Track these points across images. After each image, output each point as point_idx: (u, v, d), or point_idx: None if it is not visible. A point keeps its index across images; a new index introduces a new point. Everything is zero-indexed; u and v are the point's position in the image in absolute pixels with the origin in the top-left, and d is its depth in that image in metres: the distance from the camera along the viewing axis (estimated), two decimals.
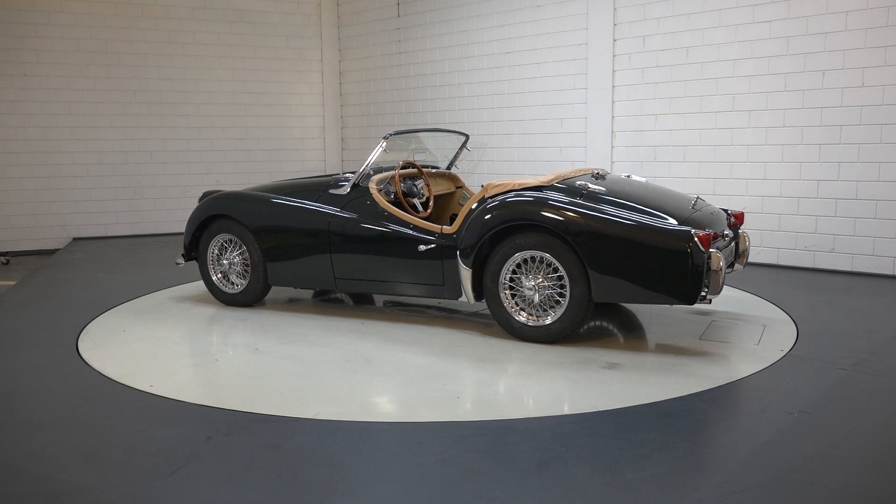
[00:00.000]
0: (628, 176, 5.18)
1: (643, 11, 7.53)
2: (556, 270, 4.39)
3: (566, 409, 3.48)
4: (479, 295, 4.70)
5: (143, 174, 9.89)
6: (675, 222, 4.18)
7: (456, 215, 5.65)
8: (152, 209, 9.96)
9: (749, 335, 4.61)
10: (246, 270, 5.58)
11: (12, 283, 7.08)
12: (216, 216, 5.62)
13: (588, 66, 8.02)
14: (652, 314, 5.15)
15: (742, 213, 5.08)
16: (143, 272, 7.16)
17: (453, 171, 6.34)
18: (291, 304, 5.78)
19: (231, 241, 5.61)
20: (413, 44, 9.87)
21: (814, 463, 2.86)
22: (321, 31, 10.82)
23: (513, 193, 4.55)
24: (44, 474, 2.86)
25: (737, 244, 4.89)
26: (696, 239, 4.03)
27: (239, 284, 5.63)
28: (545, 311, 4.46)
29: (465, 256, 4.62)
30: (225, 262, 5.65)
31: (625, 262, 4.19)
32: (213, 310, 5.61)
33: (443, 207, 6.09)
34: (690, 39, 7.24)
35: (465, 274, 4.64)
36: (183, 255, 5.81)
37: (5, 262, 8.60)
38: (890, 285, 6.04)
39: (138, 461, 2.96)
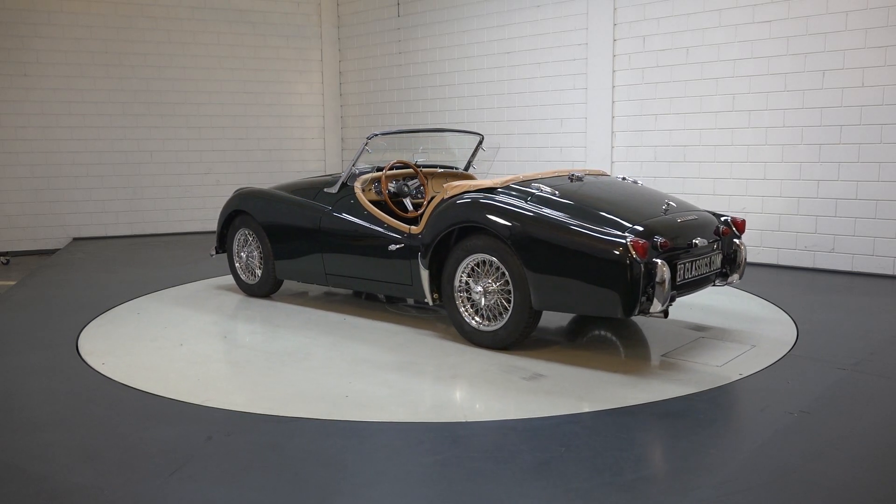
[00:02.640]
0: (624, 178, 5.07)
1: (643, 11, 7.53)
2: (504, 275, 4.27)
3: (445, 417, 3.40)
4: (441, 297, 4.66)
5: (143, 174, 9.89)
6: (629, 227, 3.92)
7: None
8: (152, 209, 9.97)
9: (722, 356, 4.19)
10: (262, 263, 5.87)
11: (12, 283, 7.08)
12: (238, 211, 5.94)
13: (588, 66, 8.02)
14: (647, 326, 4.97)
15: (743, 222, 4.72)
16: (143, 272, 7.16)
17: (471, 171, 6.38)
18: (319, 299, 5.89)
19: (250, 235, 5.91)
20: (413, 44, 9.87)
21: (814, 463, 2.86)
22: (321, 31, 10.83)
23: (466, 195, 4.48)
24: (44, 474, 2.85)
25: (733, 254, 4.58)
26: (630, 247, 3.77)
27: (258, 276, 5.93)
28: (495, 316, 4.36)
29: (423, 257, 4.63)
30: (243, 254, 6.00)
31: (561, 269, 3.99)
32: (237, 299, 5.93)
33: None
34: (690, 39, 7.24)
35: (424, 275, 4.63)
36: (216, 248, 6.19)
37: (5, 262, 8.60)
38: (890, 285, 6.04)
39: (138, 461, 2.96)
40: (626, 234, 3.87)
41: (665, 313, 3.94)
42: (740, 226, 4.69)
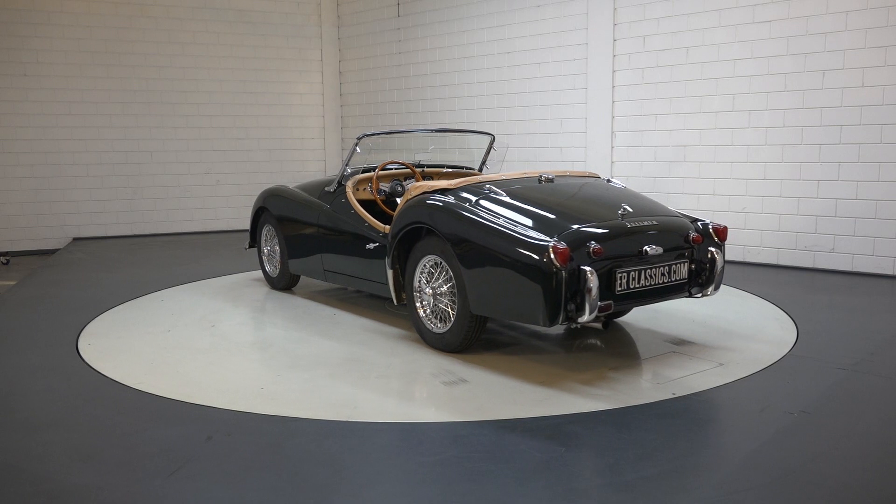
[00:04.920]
0: (608, 180, 4.89)
1: (643, 11, 7.53)
2: (451, 278, 4.19)
3: (340, 416, 3.39)
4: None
5: (143, 174, 9.89)
6: (568, 231, 3.76)
7: None
8: (152, 209, 9.97)
9: (674, 372, 3.92)
10: (280, 258, 6.10)
11: (12, 283, 7.08)
12: (264, 208, 6.19)
13: (588, 66, 8.02)
14: (638, 337, 4.72)
15: (724, 229, 4.37)
16: (143, 272, 7.16)
17: (484, 171, 6.38)
18: (335, 296, 5.93)
19: (272, 230, 6.18)
20: (413, 44, 9.87)
21: (814, 463, 2.86)
22: (321, 31, 10.82)
23: (425, 196, 4.43)
24: (44, 474, 2.85)
25: (709, 263, 4.22)
26: (551, 252, 3.59)
27: (279, 270, 6.17)
28: (447, 319, 4.29)
29: (387, 257, 4.66)
30: (266, 249, 6.28)
31: (490, 273, 3.88)
32: (263, 292, 6.19)
33: None
34: (690, 39, 7.24)
35: (389, 274, 4.66)
36: (249, 243, 6.52)
37: (5, 262, 8.60)
38: (890, 285, 6.04)
39: (138, 461, 2.96)
40: (551, 240, 3.69)
41: (604, 324, 3.77)
42: (721, 233, 4.35)
